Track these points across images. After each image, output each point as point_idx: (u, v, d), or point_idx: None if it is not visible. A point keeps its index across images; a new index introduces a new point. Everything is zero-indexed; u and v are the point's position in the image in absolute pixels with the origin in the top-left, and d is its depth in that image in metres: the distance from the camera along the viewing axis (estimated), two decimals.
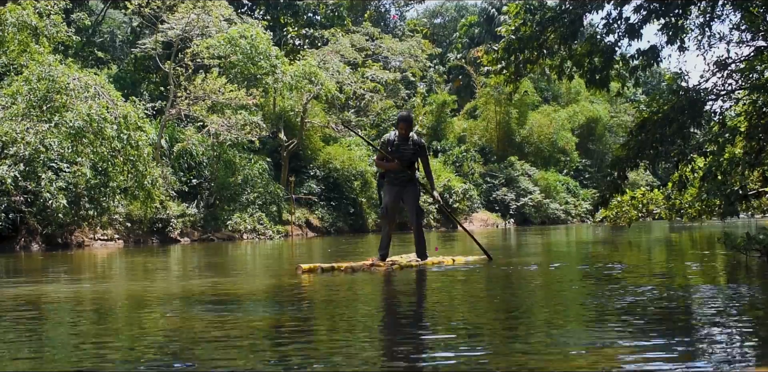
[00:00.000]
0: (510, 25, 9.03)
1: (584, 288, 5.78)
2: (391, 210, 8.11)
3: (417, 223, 8.09)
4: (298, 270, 7.16)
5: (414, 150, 8.01)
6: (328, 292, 5.82)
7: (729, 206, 9.06)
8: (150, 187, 15.13)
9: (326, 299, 5.30)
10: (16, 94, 13.98)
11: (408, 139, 8.00)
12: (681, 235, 17.07)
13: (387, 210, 8.11)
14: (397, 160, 7.92)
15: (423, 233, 8.14)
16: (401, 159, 7.96)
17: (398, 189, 8.06)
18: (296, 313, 4.48)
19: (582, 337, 3.47)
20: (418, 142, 8.06)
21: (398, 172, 7.99)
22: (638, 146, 8.62)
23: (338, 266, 7.36)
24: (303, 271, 7.11)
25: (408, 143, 8.00)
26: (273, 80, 20.41)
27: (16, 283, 7.03)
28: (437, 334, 3.71)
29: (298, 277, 6.79)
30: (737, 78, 8.40)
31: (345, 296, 5.53)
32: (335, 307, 4.85)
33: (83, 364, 3.00)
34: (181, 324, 4.11)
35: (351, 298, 5.44)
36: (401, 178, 8.03)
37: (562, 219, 35.67)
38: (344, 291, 5.89)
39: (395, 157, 7.93)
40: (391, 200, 8.08)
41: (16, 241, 13.67)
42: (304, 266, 7.21)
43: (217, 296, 5.49)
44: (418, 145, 8.03)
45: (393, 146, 8.00)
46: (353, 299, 5.36)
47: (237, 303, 5.09)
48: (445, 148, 36.25)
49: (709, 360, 2.95)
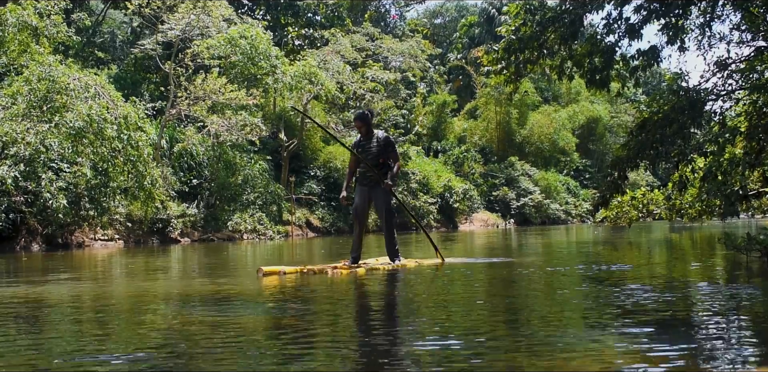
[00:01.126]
0: (510, 26, 9.03)
1: (584, 288, 5.77)
2: (360, 211, 7.86)
3: (387, 224, 7.75)
4: (259, 272, 6.85)
5: (378, 147, 7.69)
6: (270, 294, 5.62)
7: (729, 206, 9.07)
8: (150, 187, 15.13)
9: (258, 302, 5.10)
10: (16, 94, 13.98)
11: (372, 137, 7.73)
12: (681, 235, 17.07)
13: (357, 211, 7.87)
14: (364, 160, 7.65)
15: (394, 235, 7.79)
16: (367, 158, 7.67)
17: (367, 189, 7.75)
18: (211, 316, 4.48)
19: (581, 338, 3.46)
20: (383, 139, 7.74)
21: (366, 172, 7.71)
22: (638, 146, 8.61)
23: (300, 269, 7.01)
24: (264, 273, 6.79)
25: (372, 141, 7.72)
26: (273, 80, 20.41)
27: (18, 283, 7.03)
28: (436, 333, 3.70)
29: (258, 280, 6.52)
30: (737, 78, 8.40)
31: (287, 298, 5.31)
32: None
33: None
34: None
35: (302, 302, 5.08)
36: (370, 178, 7.71)
37: (562, 219, 35.68)
38: (284, 294, 5.63)
39: (363, 157, 7.69)
40: (361, 201, 7.81)
41: (17, 242, 13.66)
42: (265, 269, 6.91)
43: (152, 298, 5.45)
44: (382, 141, 7.71)
45: (359, 147, 7.76)
46: (304, 304, 4.99)
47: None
48: (446, 148, 36.28)
49: (709, 361, 2.95)
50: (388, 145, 7.70)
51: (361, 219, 7.89)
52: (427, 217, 28.27)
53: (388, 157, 7.70)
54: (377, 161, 7.66)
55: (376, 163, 7.66)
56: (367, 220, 8.04)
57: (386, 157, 7.68)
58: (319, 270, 7.01)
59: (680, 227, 21.70)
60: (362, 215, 7.88)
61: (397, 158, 7.80)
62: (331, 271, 6.96)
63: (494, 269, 7.71)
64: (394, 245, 7.77)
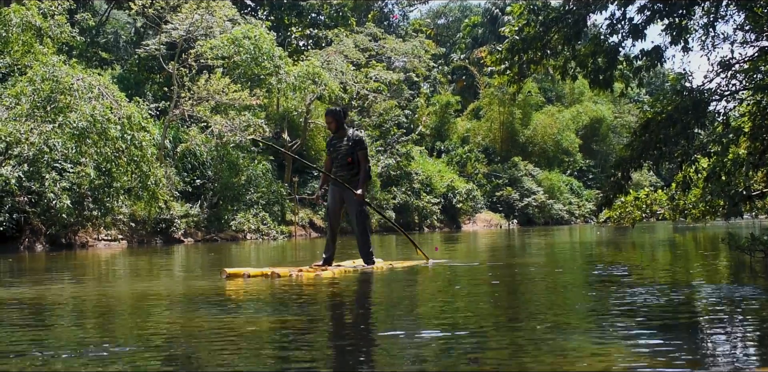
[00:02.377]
0: (514, 26, 9.02)
1: (587, 288, 5.77)
2: (333, 212, 7.72)
3: (359, 226, 7.59)
4: (222, 274, 6.65)
5: (348, 146, 7.51)
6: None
7: (733, 207, 9.06)
8: (154, 187, 15.14)
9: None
10: (20, 94, 14.00)
11: (344, 136, 7.58)
12: (685, 235, 17.04)
13: (329, 212, 7.77)
14: (334, 160, 7.54)
15: (368, 236, 7.61)
16: (337, 157, 7.53)
17: (339, 190, 7.59)
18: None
19: (585, 338, 3.46)
20: (354, 137, 7.56)
21: (336, 171, 7.54)
22: (642, 147, 8.60)
23: (265, 272, 6.75)
24: (227, 275, 6.56)
25: (343, 140, 7.56)
26: (276, 81, 20.42)
27: (19, 283, 7.03)
28: (436, 333, 3.70)
29: (220, 282, 6.36)
30: (741, 78, 8.38)
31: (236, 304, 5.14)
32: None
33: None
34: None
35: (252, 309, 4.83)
36: (341, 178, 7.52)
37: (565, 219, 35.66)
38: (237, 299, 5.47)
39: (332, 157, 7.56)
40: (333, 202, 7.66)
41: (20, 242, 13.68)
42: (228, 271, 6.66)
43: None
44: (353, 140, 7.53)
45: (331, 145, 7.61)
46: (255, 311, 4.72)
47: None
48: (449, 148, 36.27)
49: (712, 361, 2.95)
50: (357, 145, 7.52)
51: (334, 219, 7.74)
52: (430, 218, 28.26)
53: (357, 156, 7.52)
54: (346, 160, 7.49)
55: (345, 162, 7.49)
56: (340, 221, 7.84)
57: (355, 157, 7.49)
58: (284, 273, 6.73)
59: (684, 228, 21.67)
60: (335, 216, 7.73)
61: (366, 159, 7.59)
62: (295, 274, 6.69)
63: (480, 272, 7.70)
64: (368, 247, 7.57)
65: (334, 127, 7.59)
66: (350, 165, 7.49)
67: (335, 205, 7.66)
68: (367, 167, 7.58)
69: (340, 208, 7.70)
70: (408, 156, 27.93)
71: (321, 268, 7.11)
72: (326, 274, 6.89)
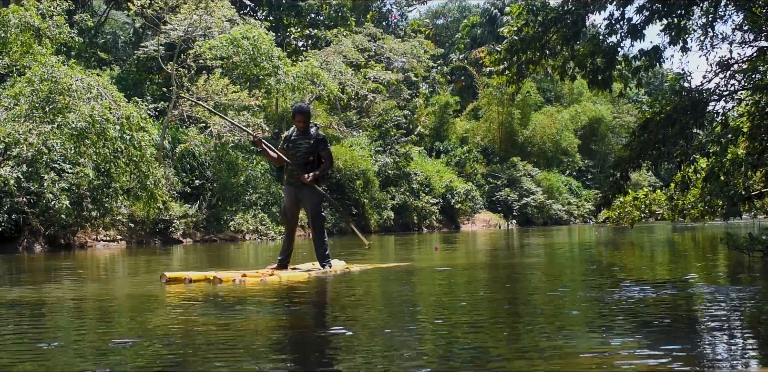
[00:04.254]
0: (512, 26, 9.03)
1: (586, 287, 5.77)
2: (289, 212, 7.45)
3: (315, 226, 7.34)
4: (162, 279, 6.31)
5: (309, 144, 7.23)
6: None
7: (732, 207, 9.08)
8: (153, 188, 15.13)
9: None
10: (18, 95, 13.98)
11: (307, 134, 7.30)
12: (684, 235, 17.05)
13: (285, 212, 7.52)
14: (292, 158, 7.23)
15: (324, 237, 7.32)
16: (295, 155, 7.24)
17: (295, 190, 7.31)
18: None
19: (584, 338, 3.46)
20: (316, 136, 7.28)
21: (293, 170, 7.26)
22: (641, 147, 8.61)
23: (208, 276, 6.42)
24: (167, 280, 6.26)
25: (305, 138, 7.28)
26: (275, 81, 20.42)
27: (19, 283, 7.03)
28: (436, 333, 3.70)
29: (160, 286, 6.10)
30: (740, 78, 8.39)
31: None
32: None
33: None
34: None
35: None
36: (297, 177, 7.24)
37: (564, 220, 35.67)
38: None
39: (291, 154, 7.24)
40: (289, 202, 7.41)
41: (19, 242, 13.67)
42: (168, 275, 6.35)
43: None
44: (315, 139, 7.25)
45: (290, 142, 7.31)
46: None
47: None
48: (448, 148, 36.26)
49: (711, 361, 2.95)
50: (320, 143, 7.27)
51: (290, 220, 7.47)
52: (429, 218, 28.26)
53: (319, 155, 7.28)
54: (305, 159, 7.22)
55: (305, 161, 7.22)
56: (296, 221, 7.55)
57: (316, 156, 7.25)
58: (227, 278, 6.33)
59: (682, 228, 21.69)
60: (291, 216, 7.47)
61: (329, 157, 7.37)
62: (239, 279, 6.32)
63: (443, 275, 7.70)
64: (324, 249, 7.31)
65: (303, 126, 7.28)
66: (310, 164, 7.22)
67: (291, 206, 7.41)
68: (331, 165, 7.41)
69: (297, 208, 7.47)
70: (407, 156, 27.93)
71: (267, 273, 6.73)
72: (272, 278, 6.52)
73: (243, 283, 6.18)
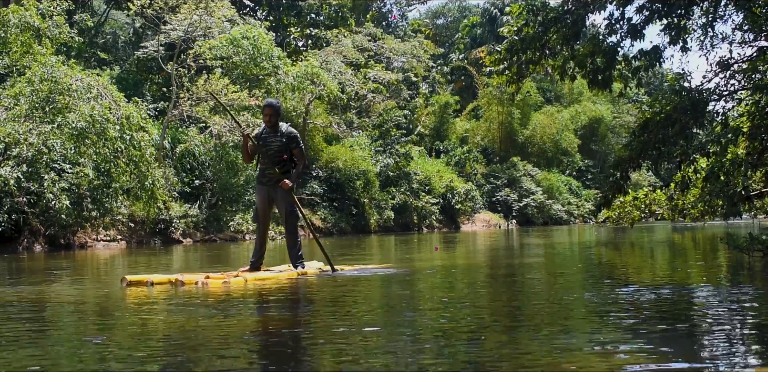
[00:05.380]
0: (512, 26, 9.01)
1: (587, 287, 5.77)
2: (261, 212, 7.26)
3: (289, 227, 7.17)
4: (123, 282, 6.13)
5: (281, 142, 7.05)
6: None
7: (732, 207, 9.08)
8: (153, 187, 15.14)
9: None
10: (18, 95, 13.99)
11: (278, 131, 7.10)
12: (684, 235, 17.05)
13: (257, 213, 7.33)
14: (264, 156, 7.05)
15: (297, 238, 7.15)
16: (267, 153, 7.04)
17: (267, 189, 7.14)
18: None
19: (583, 338, 3.46)
20: (288, 133, 7.09)
21: (266, 169, 7.09)
22: (641, 147, 8.60)
23: (171, 279, 6.19)
24: (128, 283, 6.08)
25: (276, 135, 7.08)
26: (275, 81, 20.42)
27: (20, 283, 7.03)
28: (438, 335, 3.70)
29: (120, 290, 5.94)
30: (740, 78, 8.39)
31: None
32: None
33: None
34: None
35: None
36: (270, 176, 7.07)
37: (564, 220, 35.69)
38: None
39: (262, 152, 7.05)
40: (261, 201, 7.23)
41: (19, 242, 13.67)
42: (129, 278, 6.16)
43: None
44: (286, 136, 7.07)
45: (260, 140, 7.10)
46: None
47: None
48: (448, 148, 36.28)
49: (711, 360, 2.95)
50: (292, 141, 7.08)
51: (263, 221, 7.30)
52: (429, 218, 28.27)
53: (292, 153, 7.12)
54: (278, 157, 7.05)
55: (277, 159, 7.05)
56: (269, 222, 7.41)
57: (289, 154, 7.09)
58: (189, 281, 6.12)
59: (682, 227, 21.69)
60: (263, 216, 7.29)
61: (302, 156, 7.18)
62: (201, 282, 6.07)
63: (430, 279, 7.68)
64: (297, 250, 7.13)
65: (272, 121, 7.06)
66: (282, 162, 7.06)
67: (264, 206, 7.23)
68: (303, 165, 7.24)
69: (269, 208, 7.30)
70: (407, 156, 27.94)
71: (233, 275, 6.48)
72: (236, 281, 6.25)
73: (206, 286, 5.97)
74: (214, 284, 6.02)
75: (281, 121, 7.26)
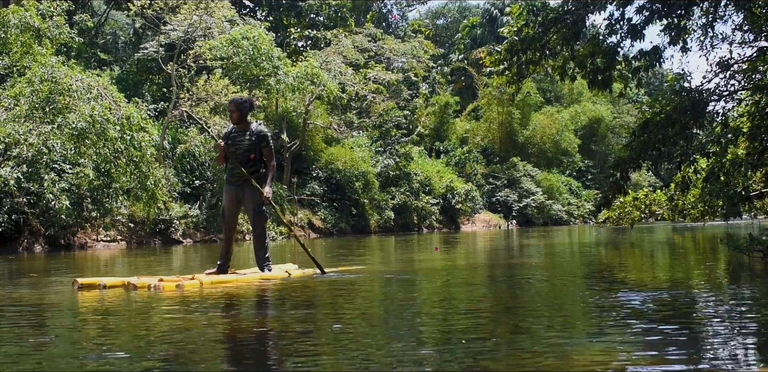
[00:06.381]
0: (512, 26, 9.02)
1: (587, 287, 5.77)
2: (228, 213, 7.06)
3: (256, 228, 7.00)
4: (74, 285, 5.99)
5: (250, 141, 6.87)
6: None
7: (732, 207, 9.07)
8: (153, 188, 15.13)
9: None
10: (18, 95, 13.98)
11: (247, 129, 6.93)
12: (684, 236, 17.05)
13: (224, 213, 7.11)
14: (232, 155, 6.88)
15: (265, 240, 6.94)
16: (236, 153, 6.88)
17: (235, 189, 6.94)
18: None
19: (584, 338, 3.46)
20: (257, 132, 6.91)
21: (234, 168, 6.89)
22: (641, 147, 8.60)
23: (124, 282, 6.05)
24: (80, 286, 5.94)
25: (246, 134, 6.91)
26: (275, 81, 20.40)
27: (19, 284, 7.03)
28: (442, 334, 3.70)
29: (72, 293, 5.77)
30: (740, 79, 8.39)
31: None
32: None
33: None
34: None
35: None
36: (238, 175, 6.89)
37: (564, 220, 35.68)
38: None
39: (231, 152, 6.88)
40: (228, 201, 7.03)
41: (19, 243, 13.67)
42: (81, 281, 6.02)
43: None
44: (256, 135, 6.89)
45: (229, 139, 6.92)
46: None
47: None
48: (448, 149, 36.28)
49: (712, 361, 2.95)
50: (262, 140, 6.90)
51: (230, 222, 7.11)
52: (429, 218, 28.26)
53: (261, 152, 6.93)
54: (247, 157, 6.87)
55: (246, 159, 6.87)
56: (236, 223, 7.27)
57: (258, 154, 6.91)
58: (142, 284, 5.97)
59: (682, 228, 21.69)
60: (231, 217, 7.10)
61: (271, 156, 6.99)
62: (154, 285, 5.92)
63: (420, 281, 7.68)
64: (265, 252, 6.94)
65: (236, 117, 6.91)
66: (251, 162, 6.89)
67: (231, 206, 7.04)
68: (273, 165, 7.03)
69: (237, 209, 7.13)
70: (407, 156, 27.94)
71: (188, 278, 6.30)
72: (191, 283, 6.08)
73: (159, 289, 5.83)
74: (167, 287, 5.86)
75: (253, 119, 7.13)
